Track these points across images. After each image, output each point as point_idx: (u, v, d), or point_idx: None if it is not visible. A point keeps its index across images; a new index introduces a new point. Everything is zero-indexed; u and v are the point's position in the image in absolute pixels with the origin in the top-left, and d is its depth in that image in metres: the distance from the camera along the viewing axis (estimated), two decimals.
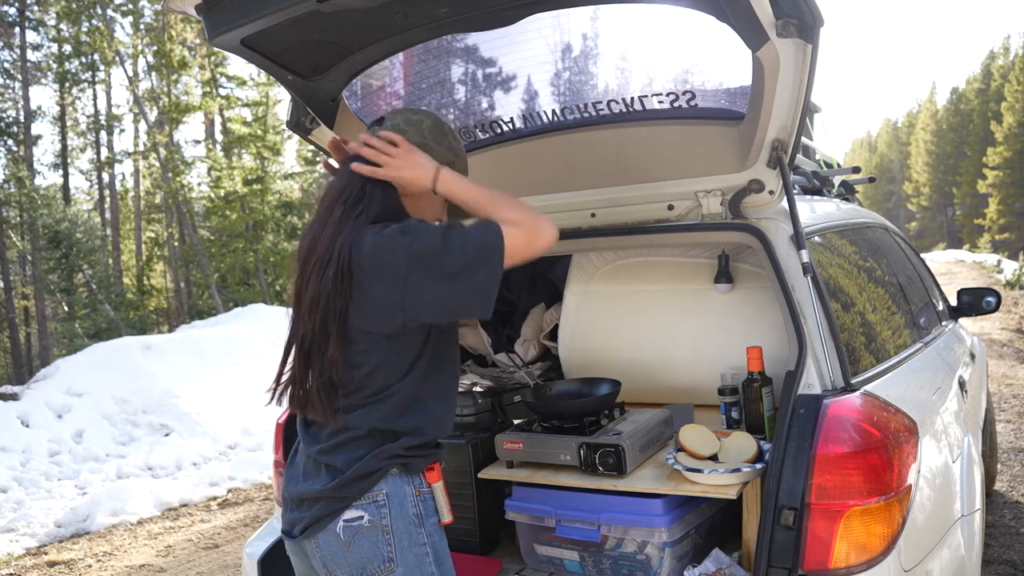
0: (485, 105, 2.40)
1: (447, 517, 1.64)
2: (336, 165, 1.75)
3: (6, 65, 21.42)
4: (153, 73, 22.15)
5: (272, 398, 1.64)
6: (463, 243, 1.49)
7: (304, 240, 1.62)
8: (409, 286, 1.49)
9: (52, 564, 4.49)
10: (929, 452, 1.92)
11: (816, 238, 2.34)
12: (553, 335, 2.97)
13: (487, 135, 2.44)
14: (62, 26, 22.03)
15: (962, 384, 2.70)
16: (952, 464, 2.11)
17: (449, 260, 1.48)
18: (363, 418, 1.57)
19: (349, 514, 1.55)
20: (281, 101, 23.09)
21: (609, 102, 2.24)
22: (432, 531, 1.60)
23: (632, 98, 2.20)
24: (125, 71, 21.73)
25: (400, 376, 1.57)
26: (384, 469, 1.55)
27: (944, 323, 3.27)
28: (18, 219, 20.12)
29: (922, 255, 4.35)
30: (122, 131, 28.60)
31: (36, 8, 21.42)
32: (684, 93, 2.15)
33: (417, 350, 1.58)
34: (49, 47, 22.94)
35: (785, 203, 2.10)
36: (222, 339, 9.17)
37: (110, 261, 22.69)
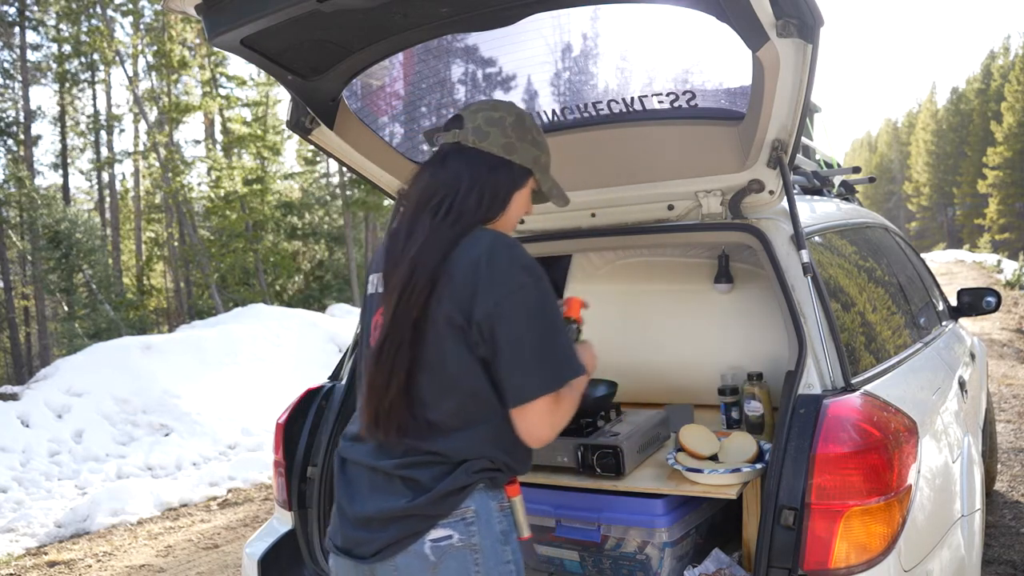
0: None
1: (526, 532, 1.56)
2: None
3: (6, 65, 21.47)
4: (153, 73, 22.17)
5: None
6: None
7: None
8: None
9: (52, 564, 4.48)
10: (929, 452, 1.92)
11: (816, 238, 2.34)
12: None
13: None
14: (62, 26, 22.06)
15: (962, 384, 2.70)
16: (952, 464, 2.11)
17: None
18: None
19: (436, 533, 1.44)
20: (281, 101, 23.12)
21: (609, 102, 2.24)
22: (515, 547, 1.53)
23: (632, 98, 2.20)
24: (125, 71, 21.75)
25: None
26: (474, 484, 1.47)
27: (944, 323, 3.27)
28: (18, 219, 20.14)
29: (922, 255, 4.35)
30: (122, 131, 28.64)
31: (36, 8, 21.43)
32: (684, 93, 2.14)
33: None
34: (49, 47, 22.99)
35: (785, 203, 2.10)
36: (222, 339, 9.15)
37: (110, 261, 22.71)
